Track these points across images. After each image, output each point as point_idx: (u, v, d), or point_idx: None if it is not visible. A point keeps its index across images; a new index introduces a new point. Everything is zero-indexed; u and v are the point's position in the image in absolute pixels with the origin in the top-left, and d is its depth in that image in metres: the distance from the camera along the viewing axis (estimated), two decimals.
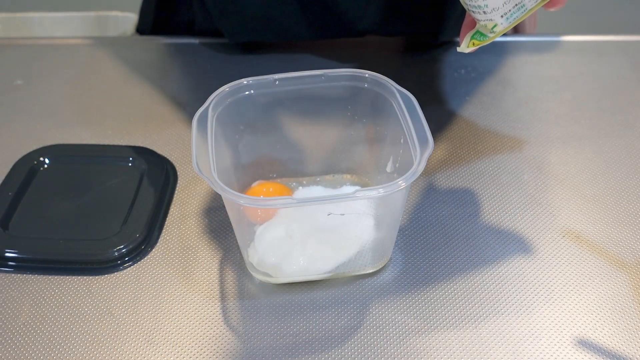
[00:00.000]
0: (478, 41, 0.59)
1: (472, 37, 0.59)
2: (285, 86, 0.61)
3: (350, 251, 0.58)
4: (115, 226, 0.63)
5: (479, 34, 0.59)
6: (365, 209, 0.59)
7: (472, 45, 0.59)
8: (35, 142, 0.73)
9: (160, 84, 0.86)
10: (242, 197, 0.52)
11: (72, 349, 0.54)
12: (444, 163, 0.71)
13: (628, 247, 0.62)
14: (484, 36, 0.58)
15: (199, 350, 0.54)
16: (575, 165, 0.71)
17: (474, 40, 0.59)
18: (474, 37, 0.59)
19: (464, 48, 0.60)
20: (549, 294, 0.58)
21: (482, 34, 0.58)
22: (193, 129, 0.56)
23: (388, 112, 0.60)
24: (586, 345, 0.54)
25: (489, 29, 0.57)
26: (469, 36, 0.59)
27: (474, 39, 0.59)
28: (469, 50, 0.60)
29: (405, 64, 0.87)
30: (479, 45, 0.59)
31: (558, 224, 0.64)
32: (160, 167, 0.69)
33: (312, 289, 0.59)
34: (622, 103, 0.80)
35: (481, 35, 0.59)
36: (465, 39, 0.60)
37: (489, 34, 0.58)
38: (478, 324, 0.56)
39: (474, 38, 0.59)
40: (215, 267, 0.60)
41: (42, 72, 0.87)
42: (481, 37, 0.59)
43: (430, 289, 0.58)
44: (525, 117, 0.78)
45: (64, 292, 0.59)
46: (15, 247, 0.61)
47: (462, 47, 0.60)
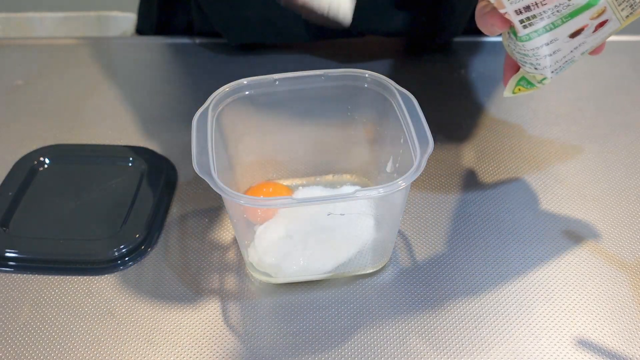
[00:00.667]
0: (525, 88, 0.60)
1: (518, 83, 0.60)
2: (285, 86, 0.61)
3: (350, 251, 0.58)
4: (115, 226, 0.63)
5: (526, 81, 0.59)
6: (365, 209, 0.59)
7: (517, 91, 0.60)
8: (35, 142, 0.73)
9: (160, 84, 0.86)
10: (242, 197, 0.52)
11: (72, 349, 0.54)
12: (444, 163, 0.71)
13: (628, 247, 0.62)
14: (531, 85, 0.59)
15: (199, 350, 0.54)
16: (575, 165, 0.71)
17: (520, 87, 0.60)
18: (520, 84, 0.60)
19: (508, 93, 0.61)
20: (549, 294, 0.58)
21: (529, 82, 0.59)
22: (193, 129, 0.56)
23: (388, 112, 0.60)
24: (586, 345, 0.54)
25: (537, 80, 0.58)
26: (514, 80, 0.60)
27: (519, 85, 0.60)
28: (514, 95, 0.61)
29: (405, 64, 0.87)
30: (524, 92, 0.60)
31: (558, 224, 0.64)
32: (160, 167, 0.69)
33: (312, 289, 0.59)
34: (622, 103, 0.80)
35: (528, 83, 0.59)
36: (510, 83, 0.60)
37: (536, 84, 0.59)
38: (478, 324, 0.56)
39: (519, 84, 0.60)
40: (215, 267, 0.60)
41: (42, 72, 0.87)
42: (528, 85, 0.60)
43: (430, 289, 0.58)
44: (525, 117, 0.78)
45: (64, 292, 0.59)
46: (15, 247, 0.61)
47: (506, 92, 0.61)
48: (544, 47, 0.54)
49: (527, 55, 0.55)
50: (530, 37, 0.53)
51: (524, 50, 0.55)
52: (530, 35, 0.53)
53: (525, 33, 0.53)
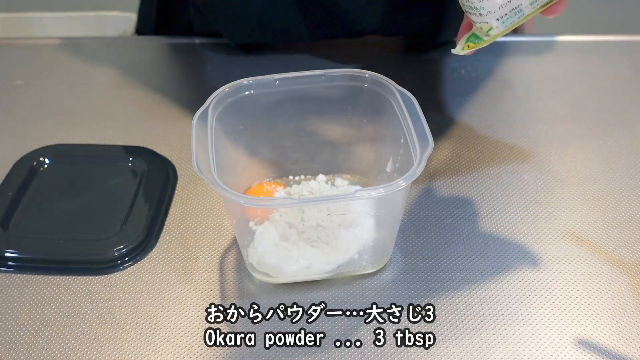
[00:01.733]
0: (473, 44, 0.59)
1: (468, 40, 0.59)
2: (285, 86, 0.61)
3: (350, 251, 0.58)
4: (115, 226, 0.63)
5: (475, 36, 0.58)
6: (365, 209, 0.59)
7: (467, 48, 0.59)
8: (35, 142, 0.73)
9: (160, 84, 0.86)
10: (242, 197, 0.52)
11: (72, 349, 0.54)
12: (444, 163, 0.71)
13: (628, 248, 0.62)
14: (479, 39, 0.58)
15: (199, 350, 0.54)
16: (575, 165, 0.71)
17: (469, 43, 0.59)
18: (469, 40, 0.59)
19: (458, 50, 0.60)
20: (549, 294, 0.58)
21: (478, 36, 0.58)
22: (193, 129, 0.56)
23: (388, 112, 0.60)
24: (586, 345, 0.54)
25: (484, 32, 0.57)
26: (464, 38, 0.59)
27: (469, 41, 0.59)
28: (463, 52, 0.60)
29: (405, 64, 0.87)
30: (474, 47, 0.59)
31: (558, 224, 0.64)
32: (160, 167, 0.69)
33: (312, 289, 0.59)
34: (622, 103, 0.80)
35: (476, 38, 0.58)
36: (460, 41, 0.60)
37: (484, 37, 0.58)
38: (478, 324, 0.56)
39: (469, 40, 0.59)
40: (215, 267, 0.60)
41: (42, 72, 0.87)
42: (476, 39, 0.58)
43: (430, 289, 0.58)
44: (525, 117, 0.78)
45: (64, 292, 0.59)
46: (15, 247, 0.61)
47: (457, 49, 0.60)
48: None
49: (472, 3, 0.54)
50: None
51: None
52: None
53: None
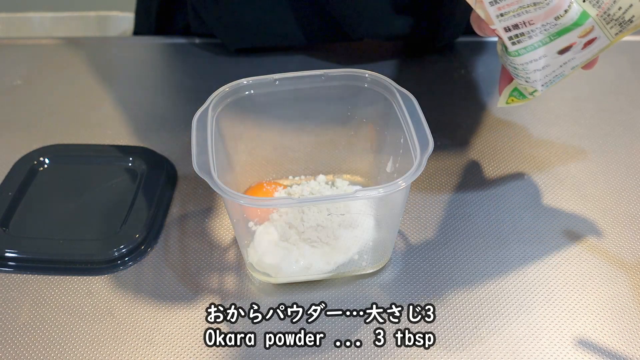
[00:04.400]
0: (517, 99, 0.61)
1: (511, 94, 0.61)
2: (285, 86, 0.61)
3: (350, 251, 0.58)
4: (115, 226, 0.63)
5: (519, 92, 0.61)
6: (365, 209, 0.59)
7: (510, 102, 0.62)
8: (35, 142, 0.73)
9: (160, 84, 0.86)
10: (242, 197, 0.52)
11: (72, 349, 0.54)
12: (444, 163, 0.71)
13: (628, 247, 0.62)
14: (523, 96, 0.61)
15: (199, 350, 0.54)
16: (575, 165, 0.71)
17: (513, 98, 0.61)
18: (513, 94, 0.61)
19: (502, 103, 0.63)
20: (549, 294, 0.58)
21: (522, 93, 0.60)
22: (193, 129, 0.56)
23: (388, 112, 0.60)
24: (586, 345, 0.54)
25: (528, 92, 0.59)
26: (507, 91, 0.61)
27: (512, 95, 0.61)
28: (507, 105, 0.62)
29: (405, 64, 0.87)
30: (517, 102, 0.62)
31: (558, 223, 0.64)
32: (160, 167, 0.69)
33: (312, 289, 0.59)
34: (622, 103, 0.80)
35: (520, 95, 0.61)
36: (504, 93, 0.62)
37: (528, 96, 0.60)
38: (478, 323, 0.56)
39: (512, 95, 0.61)
40: (215, 267, 0.60)
41: (42, 72, 0.87)
42: (520, 96, 0.61)
43: (430, 289, 0.58)
44: (525, 117, 0.78)
45: (64, 292, 0.59)
46: (15, 247, 0.61)
47: (500, 101, 0.63)
48: (532, 62, 0.55)
49: (517, 69, 0.56)
50: (519, 53, 0.55)
51: (514, 64, 0.56)
52: (519, 51, 0.55)
53: (514, 49, 0.54)
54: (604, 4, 0.52)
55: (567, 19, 0.52)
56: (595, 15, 0.52)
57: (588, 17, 0.52)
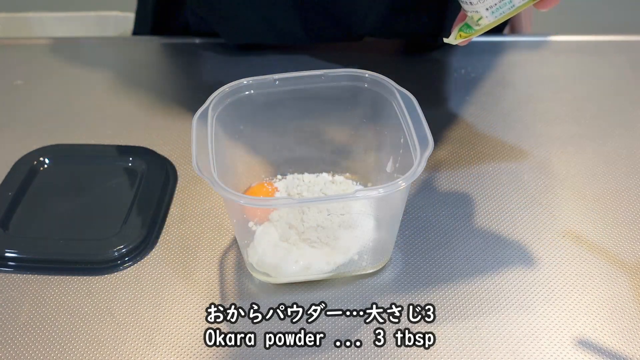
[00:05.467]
0: (465, 33, 0.59)
1: (460, 29, 0.59)
2: (285, 86, 0.61)
3: (350, 251, 0.58)
4: (115, 226, 0.63)
5: (467, 26, 0.59)
6: (365, 209, 0.59)
7: (459, 37, 0.60)
8: (35, 142, 0.73)
9: (160, 84, 0.86)
10: (242, 197, 0.52)
11: (72, 349, 0.54)
12: (444, 163, 0.71)
13: (628, 248, 0.62)
14: (470, 28, 0.59)
15: (199, 350, 0.54)
16: (575, 165, 0.71)
17: (461, 32, 0.59)
18: (462, 29, 0.59)
19: (451, 39, 0.60)
20: (549, 294, 0.58)
21: (469, 26, 0.59)
22: (193, 129, 0.56)
23: (388, 112, 0.60)
24: (586, 345, 0.54)
25: (474, 21, 0.58)
26: (457, 28, 0.60)
27: (461, 30, 0.59)
28: (456, 42, 0.60)
29: (405, 64, 0.87)
30: (465, 37, 0.59)
31: (558, 224, 0.64)
32: (160, 167, 0.69)
33: (312, 289, 0.59)
34: (622, 103, 0.80)
35: (468, 28, 0.59)
36: (454, 31, 0.60)
37: (474, 27, 0.58)
38: (478, 323, 0.56)
39: (461, 30, 0.59)
40: (215, 267, 0.60)
41: (42, 72, 0.87)
42: (468, 29, 0.59)
43: (430, 289, 0.58)
44: (525, 117, 0.78)
45: (64, 292, 0.59)
46: (15, 247, 0.61)
47: (450, 38, 0.60)
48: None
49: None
50: None
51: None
52: None
53: None
54: None
55: None
56: None
57: None
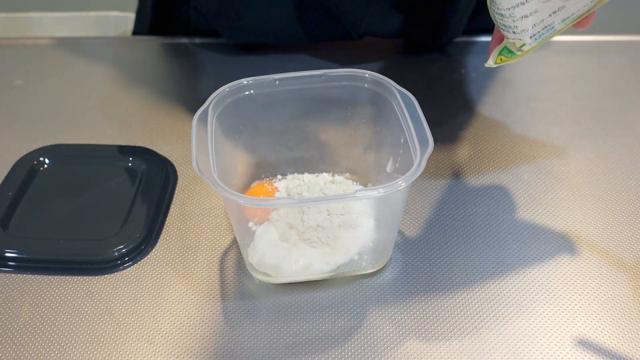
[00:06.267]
0: (506, 57, 0.59)
1: (500, 53, 0.60)
2: (285, 86, 0.61)
3: (350, 251, 0.58)
4: (115, 226, 0.63)
5: (507, 50, 0.59)
6: (365, 209, 0.59)
7: (499, 61, 0.60)
8: (35, 142, 0.73)
9: (160, 84, 0.86)
10: (242, 197, 0.52)
11: (72, 349, 0.54)
12: (444, 163, 0.71)
13: (628, 247, 0.62)
14: (512, 53, 0.59)
15: (199, 350, 0.54)
16: (575, 165, 0.71)
17: (502, 57, 0.60)
18: (502, 53, 0.60)
19: (491, 63, 0.61)
20: (549, 294, 0.58)
21: (510, 51, 0.59)
22: (193, 129, 0.56)
23: (388, 112, 0.60)
24: (586, 345, 0.54)
25: (517, 47, 0.58)
26: (496, 51, 0.60)
27: (501, 54, 0.60)
28: (495, 65, 0.60)
29: (405, 64, 0.87)
30: (506, 62, 0.60)
31: (558, 223, 0.64)
32: (160, 167, 0.69)
33: (312, 289, 0.59)
34: (622, 103, 0.80)
35: (509, 52, 0.59)
36: (493, 54, 0.60)
37: (516, 52, 0.58)
38: (478, 324, 0.56)
39: (501, 54, 0.60)
40: (215, 267, 0.61)
41: (42, 72, 0.87)
42: (509, 54, 0.59)
43: (430, 289, 0.58)
44: (525, 117, 0.78)
45: (64, 292, 0.59)
46: (15, 247, 0.61)
47: (489, 62, 0.61)
48: (519, 6, 0.53)
49: (504, 17, 0.54)
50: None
51: (500, 11, 0.54)
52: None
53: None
54: None
55: None
56: None
57: None
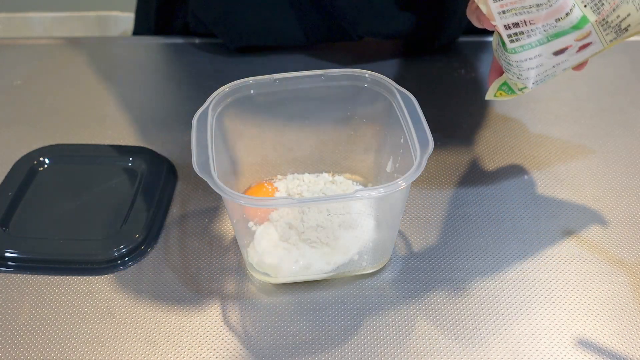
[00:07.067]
0: (506, 94, 0.62)
1: (500, 88, 0.62)
2: (285, 86, 0.61)
3: (350, 251, 0.58)
4: (115, 226, 0.63)
5: (508, 87, 0.61)
6: (365, 209, 0.59)
7: (499, 95, 0.62)
8: (35, 142, 0.73)
9: (160, 84, 0.86)
10: (242, 197, 0.52)
11: (72, 349, 0.54)
12: (444, 163, 0.71)
13: (628, 247, 0.62)
14: (512, 91, 0.61)
15: (199, 350, 0.54)
16: (575, 165, 0.71)
17: (502, 92, 0.62)
18: (502, 88, 0.62)
19: (490, 96, 0.63)
20: (549, 294, 0.58)
21: (511, 89, 0.61)
22: (193, 129, 0.56)
23: (388, 112, 0.60)
24: (586, 345, 0.54)
25: (518, 88, 0.60)
26: (496, 84, 0.62)
27: (501, 89, 0.62)
28: (495, 98, 0.63)
29: (405, 64, 0.87)
30: (505, 97, 0.62)
31: (558, 223, 0.64)
32: (160, 167, 0.69)
33: (312, 289, 0.59)
34: (622, 103, 0.80)
35: (510, 90, 0.61)
36: (492, 86, 0.62)
37: (517, 91, 0.61)
38: (478, 324, 0.56)
39: (501, 89, 0.62)
40: (215, 267, 0.61)
41: (42, 72, 0.87)
42: (509, 91, 0.61)
43: (430, 289, 0.58)
44: (525, 117, 0.78)
45: (64, 292, 0.59)
46: (15, 247, 0.61)
47: (488, 94, 0.63)
48: (528, 61, 0.56)
49: (511, 65, 0.57)
50: (516, 50, 0.55)
51: (508, 60, 0.57)
52: (517, 49, 0.55)
53: (512, 47, 0.55)
54: (604, 11, 0.53)
55: (567, 21, 0.53)
56: (594, 21, 0.54)
57: (587, 22, 0.54)
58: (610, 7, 0.53)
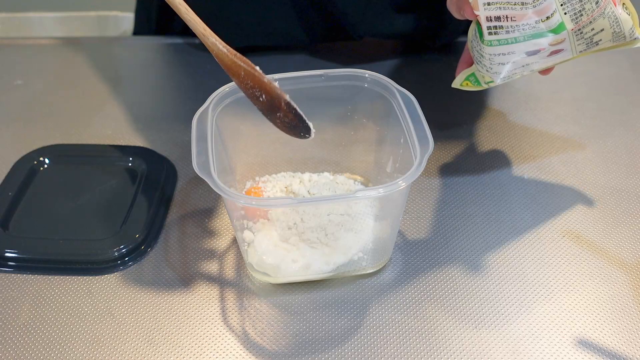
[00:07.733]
0: (472, 84, 0.63)
1: (467, 78, 0.63)
2: (285, 86, 0.61)
3: (350, 251, 0.58)
4: (115, 226, 0.63)
5: (475, 78, 0.63)
6: (365, 209, 0.59)
7: (465, 85, 0.64)
8: (35, 142, 0.73)
9: (160, 84, 0.86)
10: (242, 197, 0.52)
11: (72, 349, 0.54)
12: (444, 163, 0.71)
13: (628, 247, 0.62)
14: (478, 83, 0.63)
15: (199, 350, 0.54)
16: (575, 165, 0.71)
17: (468, 82, 0.64)
18: (469, 79, 0.63)
19: (456, 84, 0.65)
20: (549, 294, 0.58)
21: (478, 80, 0.63)
22: (193, 129, 0.56)
23: (388, 112, 0.60)
24: (586, 345, 0.54)
25: (485, 81, 0.62)
26: (464, 74, 0.64)
27: (468, 79, 0.63)
28: (461, 87, 0.65)
29: (405, 64, 0.87)
30: (471, 88, 0.64)
31: (558, 223, 0.64)
32: (160, 167, 0.69)
33: (312, 289, 0.59)
34: (622, 103, 0.80)
35: (476, 81, 0.63)
36: (460, 76, 0.64)
37: (483, 84, 0.62)
38: (478, 324, 0.56)
39: (468, 79, 0.63)
40: (215, 267, 0.61)
41: (42, 72, 0.87)
42: (475, 82, 0.63)
43: (430, 289, 0.58)
44: (525, 117, 0.78)
45: (64, 292, 0.59)
46: (15, 247, 0.61)
47: (455, 82, 0.65)
48: (501, 56, 0.57)
49: (484, 57, 0.58)
50: (492, 43, 0.57)
51: (482, 52, 0.58)
52: (493, 42, 0.56)
53: (489, 39, 0.56)
54: (581, 22, 0.55)
55: (546, 24, 0.55)
56: (570, 30, 0.55)
57: (564, 29, 0.55)
58: (588, 19, 0.55)
